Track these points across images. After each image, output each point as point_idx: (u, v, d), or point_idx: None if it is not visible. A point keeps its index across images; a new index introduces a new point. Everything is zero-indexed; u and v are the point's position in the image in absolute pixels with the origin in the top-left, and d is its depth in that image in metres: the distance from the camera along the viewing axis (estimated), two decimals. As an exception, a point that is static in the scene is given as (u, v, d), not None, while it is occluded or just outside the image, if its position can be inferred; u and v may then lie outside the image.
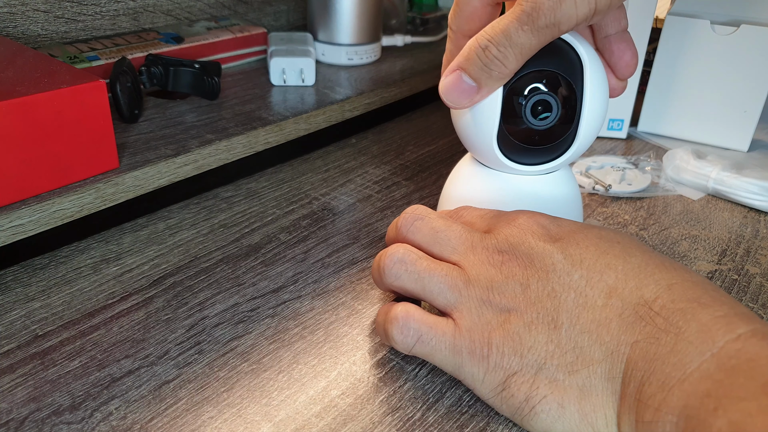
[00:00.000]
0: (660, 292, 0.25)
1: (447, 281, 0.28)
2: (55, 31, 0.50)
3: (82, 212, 0.36)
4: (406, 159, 0.51)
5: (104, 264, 0.37)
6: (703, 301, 0.24)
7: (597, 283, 0.26)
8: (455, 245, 0.29)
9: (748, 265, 0.39)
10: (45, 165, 0.34)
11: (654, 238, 0.41)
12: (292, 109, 0.48)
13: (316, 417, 0.27)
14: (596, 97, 0.31)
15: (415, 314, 0.28)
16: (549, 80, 0.31)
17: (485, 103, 0.31)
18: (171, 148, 0.41)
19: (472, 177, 0.35)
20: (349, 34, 0.58)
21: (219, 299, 0.34)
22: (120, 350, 0.30)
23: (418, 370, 0.30)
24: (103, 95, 0.35)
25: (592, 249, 0.27)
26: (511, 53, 0.28)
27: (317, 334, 0.32)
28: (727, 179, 0.46)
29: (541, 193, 0.34)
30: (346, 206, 0.44)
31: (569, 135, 0.32)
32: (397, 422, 0.27)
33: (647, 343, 0.24)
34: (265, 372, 0.29)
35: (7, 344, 0.30)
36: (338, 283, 0.36)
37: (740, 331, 0.22)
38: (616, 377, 0.24)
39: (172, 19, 0.59)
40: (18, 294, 0.34)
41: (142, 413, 0.27)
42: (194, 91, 0.48)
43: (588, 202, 0.46)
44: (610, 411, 0.24)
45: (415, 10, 0.78)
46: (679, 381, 0.22)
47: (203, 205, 0.43)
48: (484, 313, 0.27)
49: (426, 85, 0.60)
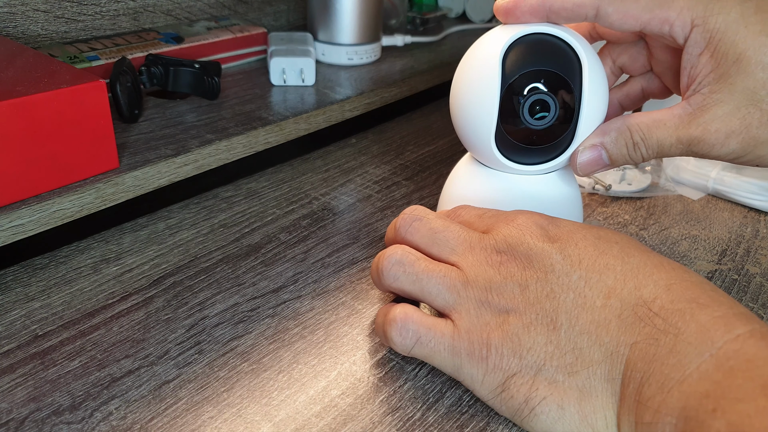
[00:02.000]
0: (659, 293, 0.25)
1: (445, 282, 0.28)
2: (55, 31, 0.50)
3: (82, 212, 0.36)
4: (406, 159, 0.51)
5: (104, 264, 0.37)
6: (702, 301, 0.24)
7: (596, 284, 0.26)
8: (454, 246, 0.29)
9: (748, 265, 0.39)
10: (45, 165, 0.34)
11: (654, 238, 0.41)
12: (292, 109, 0.48)
13: (316, 417, 0.27)
14: (595, 96, 0.31)
15: (413, 316, 0.28)
16: (547, 80, 0.31)
17: (483, 102, 0.31)
18: (171, 148, 0.41)
19: (472, 177, 0.35)
20: (349, 34, 0.58)
21: (219, 299, 0.34)
22: (120, 350, 0.30)
23: (418, 370, 0.30)
24: (103, 95, 0.35)
25: (591, 249, 0.27)
26: (652, 154, 0.31)
27: (317, 334, 0.32)
28: (727, 179, 0.46)
29: (541, 193, 0.34)
30: (346, 206, 0.44)
31: (568, 135, 0.32)
32: (397, 422, 0.27)
33: (646, 344, 0.24)
34: (265, 372, 0.29)
35: (7, 344, 0.30)
36: (338, 283, 0.36)
37: (738, 331, 0.22)
38: (615, 378, 0.24)
39: (172, 19, 0.59)
40: (18, 294, 0.34)
41: (142, 413, 0.27)
42: (194, 91, 0.48)
43: (588, 202, 0.46)
44: (610, 412, 0.24)
45: (415, 10, 0.78)
46: (678, 382, 0.22)
47: (203, 205, 0.43)
48: (482, 314, 0.27)
49: (426, 85, 0.60)
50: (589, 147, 0.32)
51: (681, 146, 0.30)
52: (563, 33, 0.31)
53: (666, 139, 0.30)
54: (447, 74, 0.62)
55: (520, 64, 0.31)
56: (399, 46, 0.67)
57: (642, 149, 0.31)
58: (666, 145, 0.31)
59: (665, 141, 0.31)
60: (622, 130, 0.31)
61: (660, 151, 0.31)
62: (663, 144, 0.31)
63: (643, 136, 0.31)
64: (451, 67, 0.61)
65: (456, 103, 0.33)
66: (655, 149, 0.31)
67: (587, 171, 0.32)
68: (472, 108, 0.32)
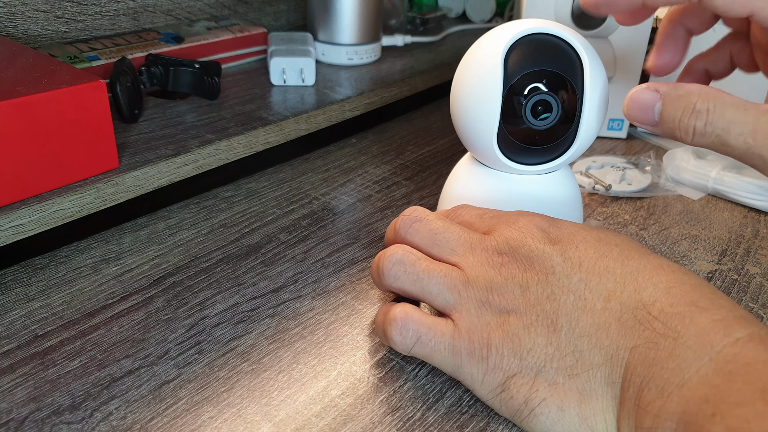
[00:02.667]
0: (658, 296, 0.25)
1: (446, 282, 0.28)
2: (55, 31, 0.50)
3: (82, 212, 0.36)
4: (406, 159, 0.51)
5: (104, 264, 0.37)
6: (702, 304, 0.24)
7: (596, 287, 0.26)
8: (454, 247, 0.29)
9: (748, 265, 0.39)
10: (45, 165, 0.34)
11: (654, 238, 0.41)
12: (292, 109, 0.48)
13: (316, 417, 0.27)
14: (596, 96, 0.31)
15: (414, 315, 0.28)
16: (549, 80, 0.31)
17: (486, 103, 0.31)
18: (171, 148, 0.41)
19: (472, 177, 0.35)
20: (349, 34, 0.58)
21: (219, 299, 0.34)
22: (120, 350, 0.30)
23: (418, 370, 0.30)
24: (103, 95, 0.35)
25: (591, 252, 0.27)
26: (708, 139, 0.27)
27: (317, 334, 0.32)
28: (727, 179, 0.46)
29: (541, 193, 0.34)
30: (346, 206, 0.44)
31: (569, 135, 0.32)
32: (397, 422, 0.27)
33: (646, 348, 0.24)
34: (265, 372, 0.29)
35: (7, 344, 0.30)
36: (338, 283, 0.36)
37: (738, 335, 0.22)
38: (615, 382, 0.24)
39: (172, 19, 0.59)
40: (18, 294, 0.34)
41: (142, 413, 0.27)
42: (194, 91, 0.48)
43: (588, 202, 0.46)
44: (610, 415, 0.24)
45: (415, 10, 0.78)
46: (677, 386, 0.22)
47: (203, 205, 0.43)
48: (483, 314, 0.27)
49: (426, 85, 0.60)
50: (651, 89, 0.28)
51: (751, 141, 0.26)
52: (564, 33, 0.31)
53: (738, 123, 0.26)
54: (447, 74, 0.62)
55: (521, 64, 0.31)
56: (399, 46, 0.67)
57: (700, 122, 0.26)
58: (735, 131, 0.26)
59: (736, 124, 0.26)
60: (691, 91, 0.27)
61: (723, 136, 0.26)
62: (732, 126, 0.26)
63: (711, 107, 0.26)
64: (451, 67, 0.61)
65: (457, 103, 0.33)
66: (719, 129, 0.26)
67: (633, 112, 0.28)
68: (474, 109, 0.32)
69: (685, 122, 0.27)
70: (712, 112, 0.27)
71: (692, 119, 0.27)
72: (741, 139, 0.26)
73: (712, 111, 0.27)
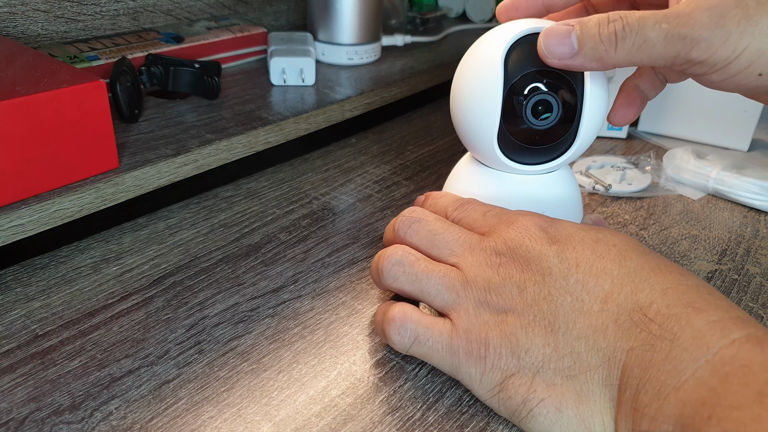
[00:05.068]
0: (655, 297, 0.25)
1: (444, 282, 0.28)
2: (55, 31, 0.50)
3: (82, 212, 0.36)
4: (406, 159, 0.51)
5: (104, 264, 0.37)
6: (698, 305, 0.24)
7: (593, 288, 0.26)
8: (453, 247, 0.29)
9: (748, 264, 0.39)
10: (45, 165, 0.34)
11: (654, 238, 0.41)
12: (292, 109, 0.48)
13: (316, 417, 0.27)
14: (596, 96, 0.31)
15: (412, 315, 0.28)
16: (549, 80, 0.31)
17: (486, 103, 0.31)
18: (171, 148, 0.41)
19: (472, 177, 0.35)
20: (349, 34, 0.58)
21: (219, 299, 0.34)
22: (120, 350, 0.30)
23: (418, 370, 0.30)
24: (103, 95, 0.35)
25: (588, 253, 0.27)
26: (630, 41, 0.27)
27: (317, 333, 0.32)
28: (727, 179, 0.46)
29: (541, 192, 0.34)
30: (346, 206, 0.44)
31: (569, 135, 0.32)
32: (397, 422, 0.27)
33: (642, 350, 0.24)
34: (265, 372, 0.29)
35: (7, 344, 0.30)
36: (338, 283, 0.36)
37: (734, 336, 0.22)
38: (612, 384, 0.24)
39: (172, 19, 0.59)
40: (18, 294, 0.34)
41: (142, 413, 0.27)
42: (194, 91, 0.48)
43: (588, 201, 0.46)
44: (608, 417, 0.24)
45: (415, 10, 0.78)
46: (674, 389, 0.22)
47: (203, 205, 0.43)
48: (481, 314, 0.27)
49: (426, 85, 0.60)
50: (563, 23, 0.29)
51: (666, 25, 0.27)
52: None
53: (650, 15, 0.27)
54: (447, 74, 0.62)
55: (522, 64, 0.31)
56: (399, 46, 0.67)
57: (618, 24, 0.27)
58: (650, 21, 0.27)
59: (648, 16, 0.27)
60: (602, 16, 0.28)
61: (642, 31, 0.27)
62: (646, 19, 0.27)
63: (623, 15, 0.27)
64: (451, 67, 0.61)
65: (457, 103, 0.33)
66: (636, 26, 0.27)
67: (550, 46, 0.29)
68: (475, 109, 0.32)
69: (605, 31, 0.28)
70: (625, 16, 0.27)
71: (611, 26, 0.28)
72: (657, 27, 0.27)
73: (625, 16, 0.27)
